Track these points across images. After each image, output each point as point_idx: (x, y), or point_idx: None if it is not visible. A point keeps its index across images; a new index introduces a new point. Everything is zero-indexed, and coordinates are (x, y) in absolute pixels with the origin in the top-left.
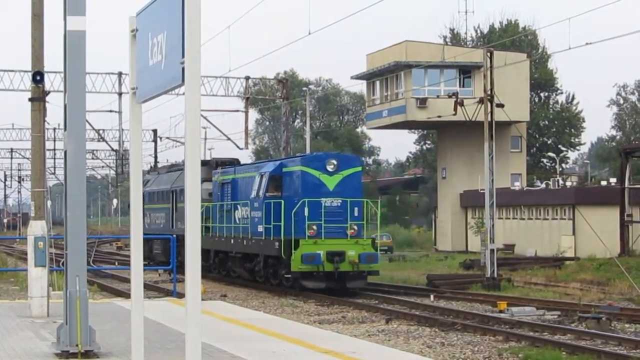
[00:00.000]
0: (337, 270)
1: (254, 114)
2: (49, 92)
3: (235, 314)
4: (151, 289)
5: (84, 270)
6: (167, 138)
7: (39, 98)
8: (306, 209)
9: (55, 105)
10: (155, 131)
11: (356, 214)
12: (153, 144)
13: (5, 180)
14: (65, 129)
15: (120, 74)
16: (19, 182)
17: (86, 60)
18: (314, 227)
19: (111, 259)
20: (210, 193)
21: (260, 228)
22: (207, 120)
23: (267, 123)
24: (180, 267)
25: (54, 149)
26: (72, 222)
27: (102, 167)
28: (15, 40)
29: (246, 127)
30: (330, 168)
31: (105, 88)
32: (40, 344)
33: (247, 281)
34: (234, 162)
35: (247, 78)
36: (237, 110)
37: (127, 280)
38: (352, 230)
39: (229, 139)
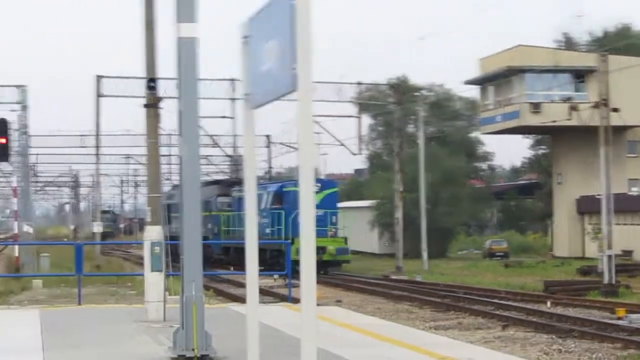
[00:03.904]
0: (320, 260)
1: (366, 120)
2: (162, 98)
3: (351, 319)
4: (266, 294)
5: (200, 276)
6: (280, 144)
7: (153, 104)
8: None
9: (166, 111)
10: (268, 137)
11: (334, 220)
12: (266, 149)
13: (122, 185)
14: (180, 134)
15: (232, 80)
16: (135, 187)
17: (199, 67)
18: None
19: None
20: (229, 204)
21: (268, 230)
22: (320, 126)
23: (380, 128)
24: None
25: (169, 155)
26: (188, 227)
27: (217, 172)
28: (128, 46)
29: (359, 133)
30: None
31: (218, 94)
32: (157, 349)
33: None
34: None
35: (359, 83)
36: (350, 116)
37: (243, 285)
38: (331, 232)
39: (342, 144)
